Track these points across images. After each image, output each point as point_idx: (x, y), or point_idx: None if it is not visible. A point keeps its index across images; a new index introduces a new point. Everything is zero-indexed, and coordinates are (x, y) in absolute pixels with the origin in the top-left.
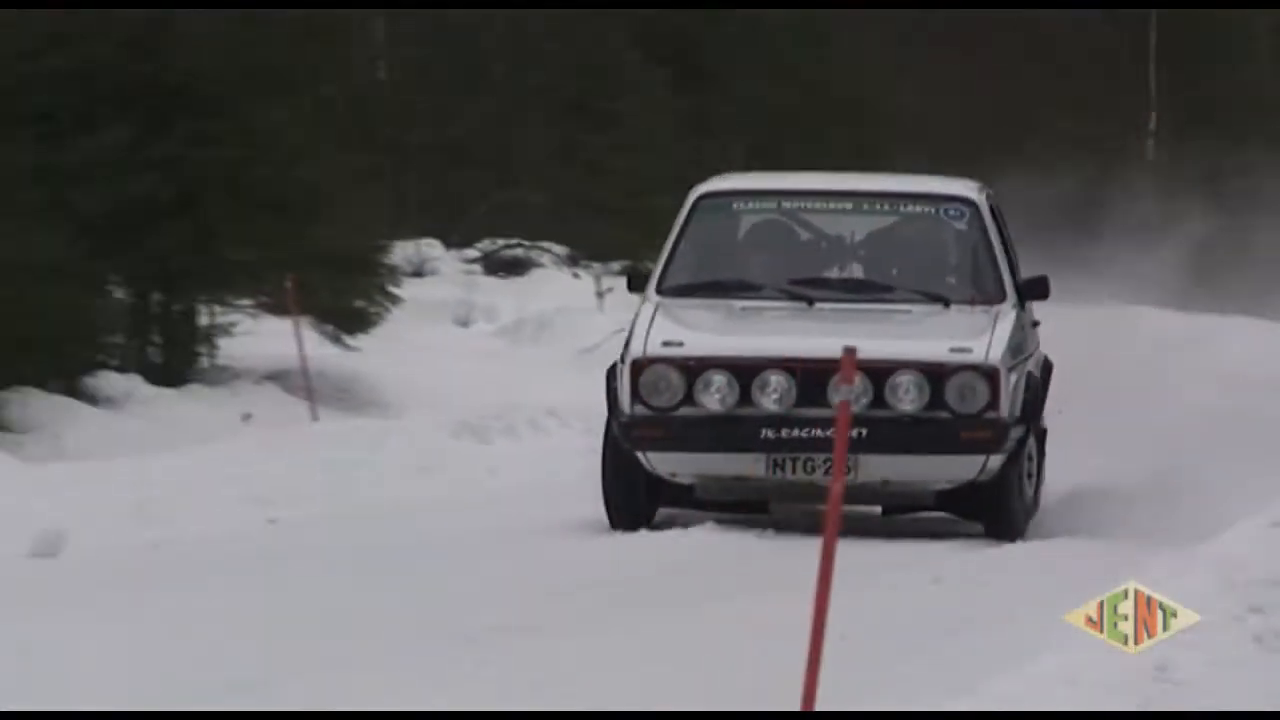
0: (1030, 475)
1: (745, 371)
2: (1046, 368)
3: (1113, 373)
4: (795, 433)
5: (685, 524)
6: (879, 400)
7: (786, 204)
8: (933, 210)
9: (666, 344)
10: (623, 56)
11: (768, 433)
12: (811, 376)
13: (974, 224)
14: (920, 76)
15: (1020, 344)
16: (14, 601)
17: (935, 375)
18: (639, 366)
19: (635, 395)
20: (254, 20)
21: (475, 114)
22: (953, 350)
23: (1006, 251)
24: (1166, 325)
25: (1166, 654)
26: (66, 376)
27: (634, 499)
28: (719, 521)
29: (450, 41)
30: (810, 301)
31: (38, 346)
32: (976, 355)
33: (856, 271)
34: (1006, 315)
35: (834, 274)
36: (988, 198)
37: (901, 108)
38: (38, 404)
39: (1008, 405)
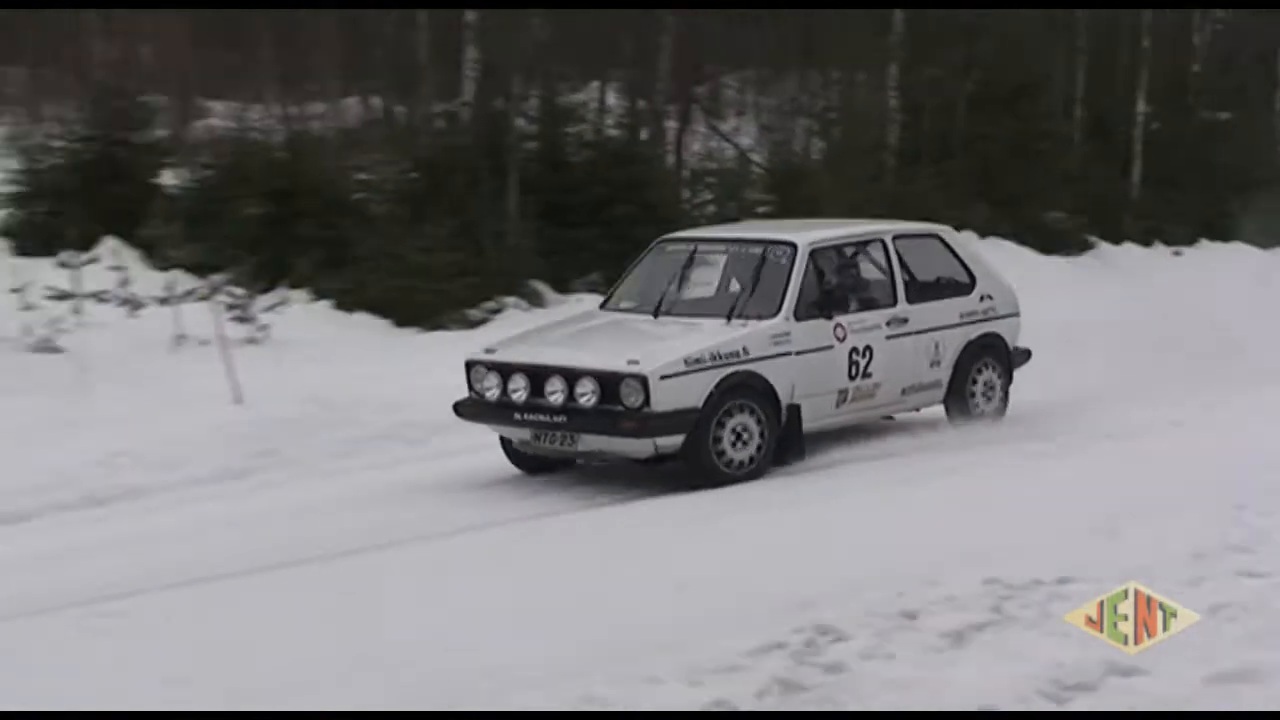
0: (737, 442)
1: (504, 373)
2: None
3: None
4: (530, 416)
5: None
6: (572, 397)
7: (699, 247)
8: (761, 250)
9: (487, 351)
10: None
11: (517, 415)
12: (536, 378)
13: (787, 261)
14: None
15: (738, 351)
16: None
17: (611, 380)
18: (468, 365)
19: (468, 383)
20: None
21: None
22: (628, 362)
23: (803, 281)
24: None
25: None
26: None
27: (514, 452)
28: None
29: None
30: (656, 314)
31: None
32: (642, 367)
33: (708, 290)
34: (758, 327)
35: (689, 291)
36: (812, 244)
37: None
38: None
39: (670, 402)
